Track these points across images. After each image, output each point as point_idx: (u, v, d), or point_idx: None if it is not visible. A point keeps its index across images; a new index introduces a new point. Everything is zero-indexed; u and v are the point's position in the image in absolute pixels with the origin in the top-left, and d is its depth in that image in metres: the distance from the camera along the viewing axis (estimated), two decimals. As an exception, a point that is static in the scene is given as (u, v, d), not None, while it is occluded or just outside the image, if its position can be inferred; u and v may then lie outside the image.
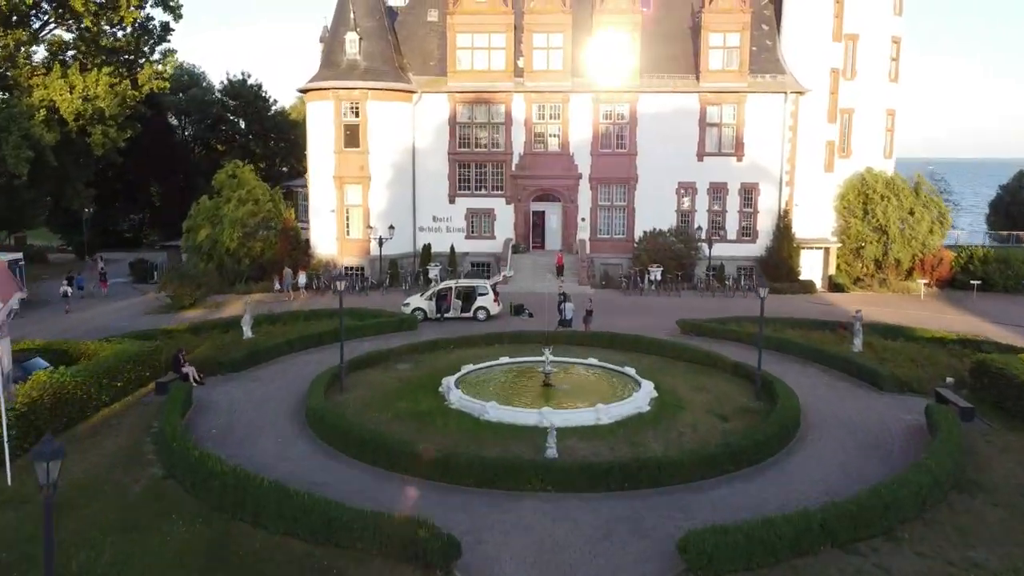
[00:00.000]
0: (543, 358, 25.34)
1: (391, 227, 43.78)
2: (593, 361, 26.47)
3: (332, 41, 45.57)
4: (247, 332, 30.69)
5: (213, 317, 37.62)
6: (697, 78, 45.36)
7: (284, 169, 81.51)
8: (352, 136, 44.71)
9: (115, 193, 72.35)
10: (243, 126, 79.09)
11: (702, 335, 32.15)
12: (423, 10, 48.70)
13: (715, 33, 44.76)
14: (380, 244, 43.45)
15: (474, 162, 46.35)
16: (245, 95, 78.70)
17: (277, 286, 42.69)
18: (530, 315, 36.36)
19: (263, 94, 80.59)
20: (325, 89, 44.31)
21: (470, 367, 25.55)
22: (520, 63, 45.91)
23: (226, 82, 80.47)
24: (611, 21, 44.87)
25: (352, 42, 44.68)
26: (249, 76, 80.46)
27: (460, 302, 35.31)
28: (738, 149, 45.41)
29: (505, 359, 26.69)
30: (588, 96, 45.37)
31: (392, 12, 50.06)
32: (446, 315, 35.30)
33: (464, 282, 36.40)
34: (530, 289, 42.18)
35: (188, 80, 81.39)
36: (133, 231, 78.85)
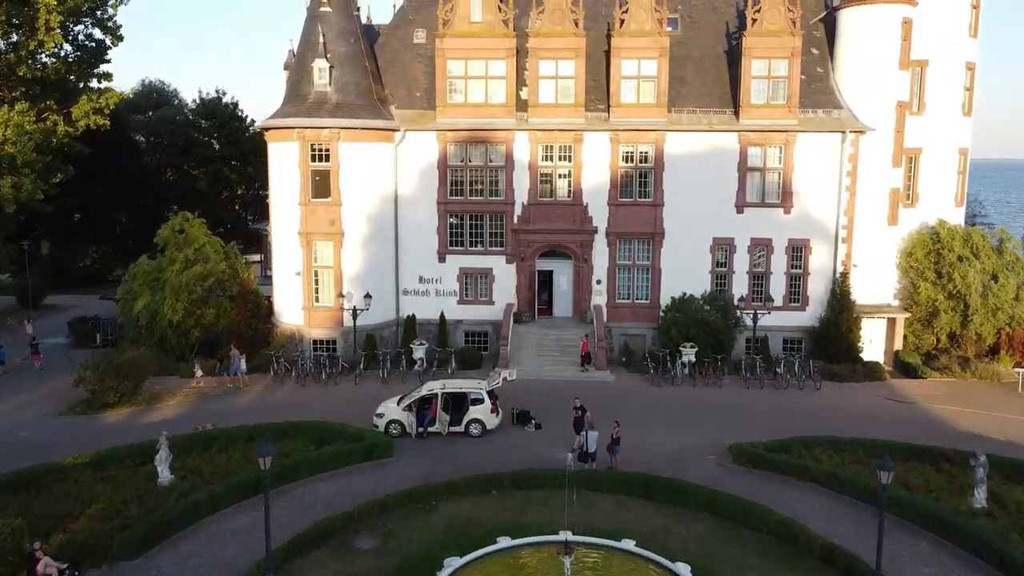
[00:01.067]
0: (558, 537, 18.11)
1: (367, 296, 36.22)
2: (629, 546, 18.85)
3: (298, 70, 38.00)
4: (163, 474, 23.15)
5: (143, 420, 30.28)
6: (736, 113, 37.79)
7: (263, 193, 74.00)
8: (321, 184, 37.17)
9: (70, 226, 64.81)
10: (218, 148, 71.48)
11: (762, 468, 24.65)
12: (408, 30, 41.13)
13: (758, 60, 37.17)
14: (354, 316, 35.94)
15: (468, 213, 38.79)
16: (219, 114, 71.25)
17: (223, 370, 35.13)
18: (538, 426, 28.82)
19: (239, 113, 73.12)
20: (288, 128, 36.75)
21: (455, 563, 17.96)
22: (523, 95, 38.39)
23: (198, 100, 73.09)
24: (632, 45, 37.28)
25: (321, 71, 37.11)
26: (224, 93, 73.06)
27: (448, 415, 27.72)
28: (785, 199, 37.82)
29: (505, 541, 19.10)
30: (605, 135, 37.79)
31: (372, 32, 42.50)
32: (430, 429, 27.77)
33: (453, 385, 28.77)
34: (537, 375, 34.66)
35: (157, 98, 73.93)
36: (95, 266, 71.22)
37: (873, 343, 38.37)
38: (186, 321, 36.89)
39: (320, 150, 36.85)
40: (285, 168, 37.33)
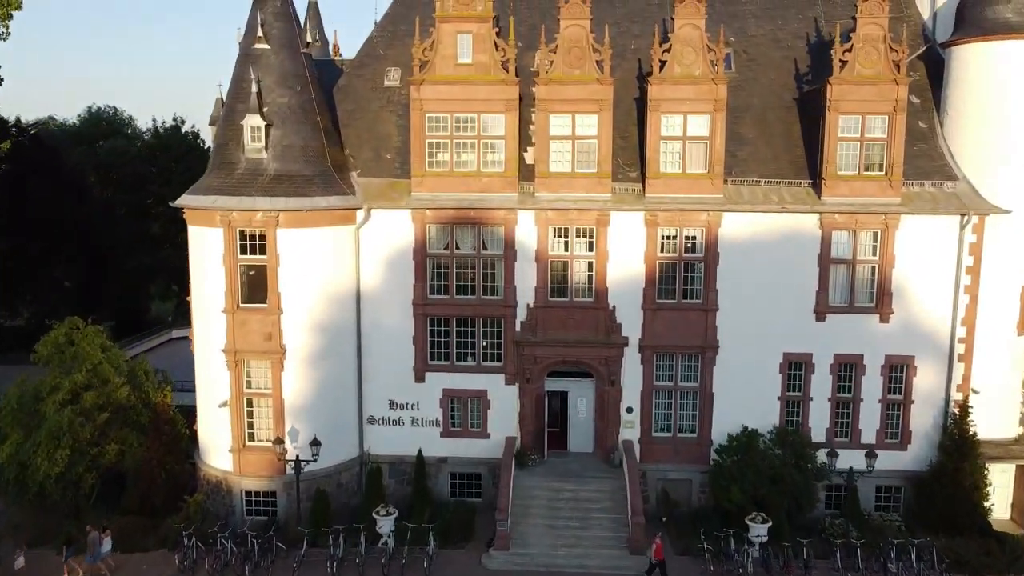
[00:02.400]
0: None
1: (315, 443, 26.51)
2: None
3: (224, 128, 28.24)
4: None
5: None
6: (815, 186, 28.01)
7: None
8: (255, 284, 27.48)
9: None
10: (174, 185, 61.65)
11: None
12: (378, 69, 31.37)
13: (848, 116, 27.35)
14: (297, 470, 26.30)
15: (455, 317, 29.05)
16: (176, 146, 61.66)
17: (69, 554, 25.15)
18: None
19: (200, 144, 63.53)
20: (210, 210, 27.06)
21: None
22: (528, 157, 28.72)
23: (152, 129, 63.55)
24: (676, 96, 27.46)
25: (255, 131, 27.36)
26: (183, 122, 63.44)
27: None
28: (882, 302, 28.00)
29: None
30: (638, 215, 28.02)
31: (332, 69, 32.81)
32: None
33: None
34: (548, 562, 25.01)
35: (107, 127, 64.27)
36: (30, 325, 61.43)
37: (998, 495, 28.58)
38: (73, 470, 27.26)
39: (253, 239, 27.16)
40: (207, 261, 27.63)
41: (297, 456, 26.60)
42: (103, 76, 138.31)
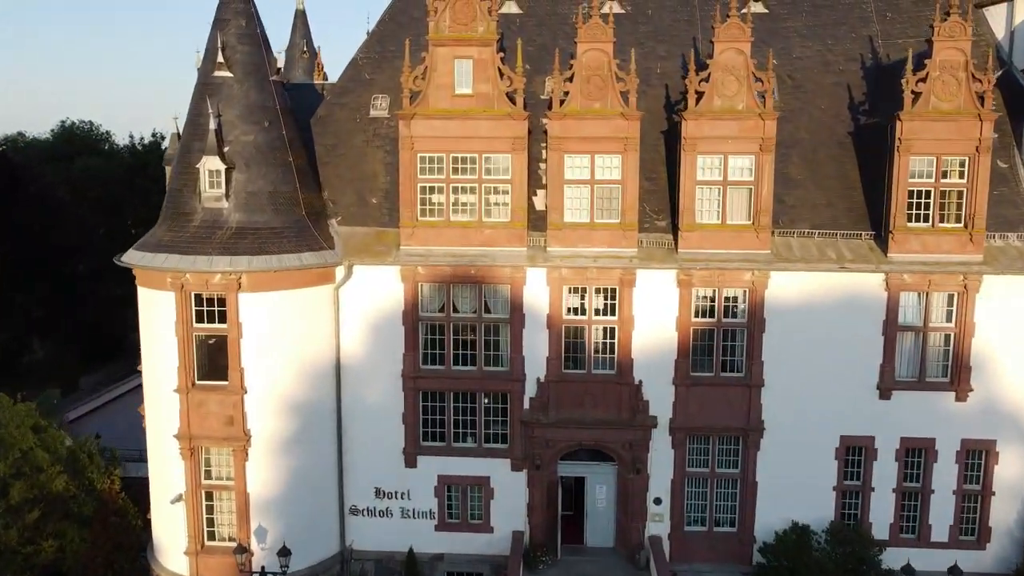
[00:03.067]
0: None
1: (284, 552, 22.12)
2: None
3: (179, 170, 23.87)
4: None
5: None
6: (879, 239, 23.63)
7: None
8: (215, 357, 23.17)
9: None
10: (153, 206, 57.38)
11: None
12: (363, 97, 26.98)
13: (921, 157, 22.96)
14: (263, 583, 21.99)
15: (453, 392, 24.66)
16: (155, 165, 57.23)
17: None
18: None
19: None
20: (160, 271, 22.68)
21: None
22: (539, 202, 24.40)
23: (130, 145, 59.24)
24: (716, 133, 23.07)
25: (214, 176, 22.98)
26: (162, 138, 59.14)
27: None
28: (959, 378, 23.59)
29: None
30: (669, 273, 23.62)
31: (312, 96, 28.50)
32: None
33: None
34: None
35: (81, 144, 59.89)
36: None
37: (1095, 602, 24.20)
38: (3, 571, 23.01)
39: (212, 303, 22.82)
40: (158, 329, 23.28)
41: (263, 567, 22.26)
42: (78, 88, 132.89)
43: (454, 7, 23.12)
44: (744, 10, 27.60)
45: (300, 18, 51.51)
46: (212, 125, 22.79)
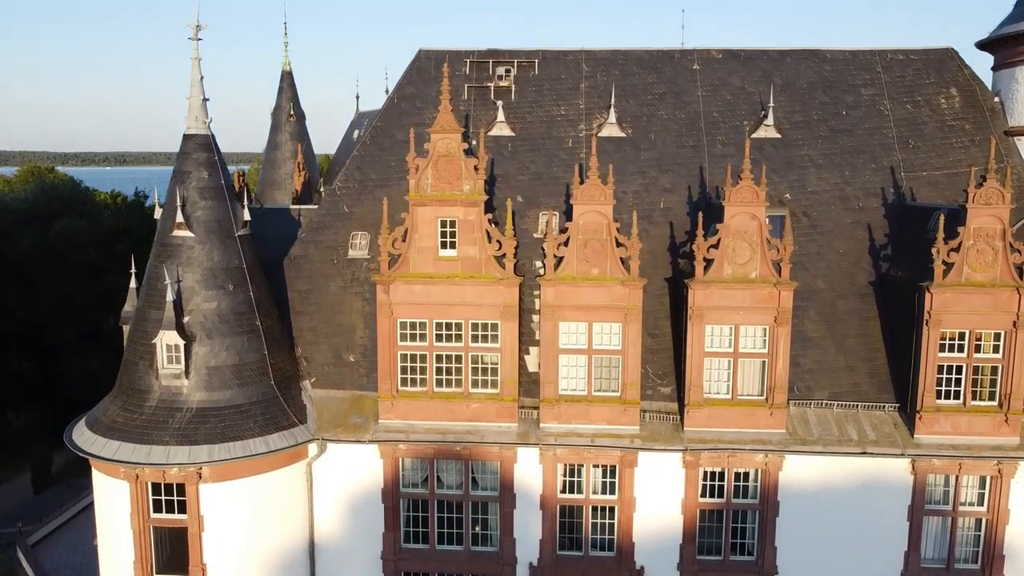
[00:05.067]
0: None
1: None
2: None
3: (135, 339, 21.67)
4: None
5: None
6: (904, 411, 21.50)
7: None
8: (176, 548, 21.03)
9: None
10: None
11: None
12: (341, 231, 24.77)
13: (952, 330, 20.79)
14: None
15: (438, 574, 22.52)
16: (136, 230, 55.12)
17: None
18: None
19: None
20: (112, 463, 20.53)
21: None
22: (531, 363, 22.26)
23: (112, 205, 57.02)
24: (725, 304, 20.93)
25: (172, 349, 20.83)
26: (145, 197, 56.97)
27: None
28: (992, 566, 21.49)
29: None
30: (675, 455, 21.47)
31: (285, 222, 26.38)
32: None
33: None
34: None
35: (61, 204, 57.43)
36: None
37: None
38: None
39: (171, 492, 20.69)
40: (112, 518, 21.15)
41: None
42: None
43: (437, 164, 20.97)
44: (756, 134, 25.77)
45: (287, 79, 49.51)
46: (170, 296, 20.62)
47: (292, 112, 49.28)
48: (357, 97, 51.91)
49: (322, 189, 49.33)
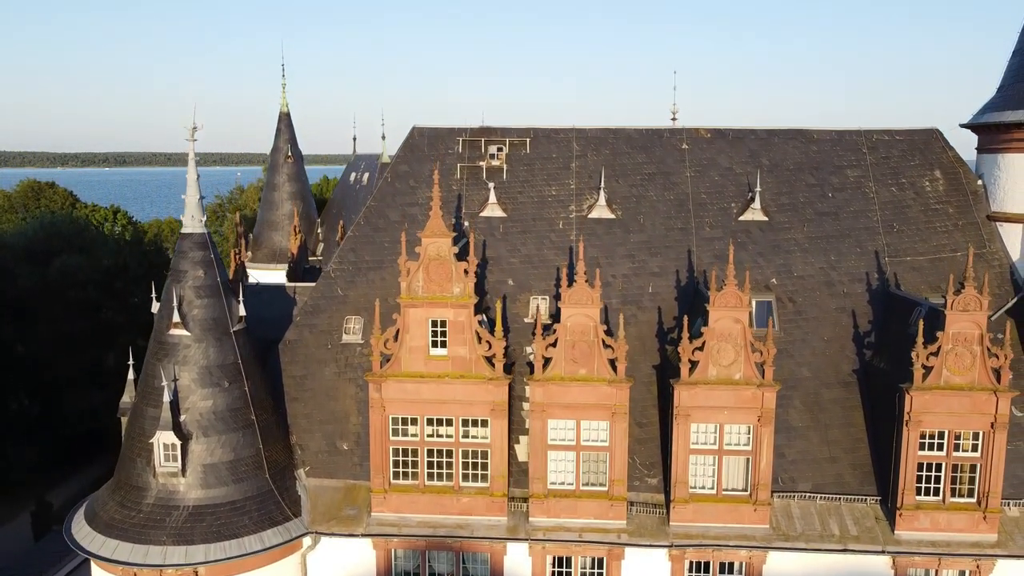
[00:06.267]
0: None
1: None
2: None
3: (132, 435, 22.13)
4: None
5: None
6: (885, 504, 21.98)
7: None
8: (171, 642, 21.49)
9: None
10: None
11: None
12: (335, 316, 25.23)
13: (932, 429, 21.26)
14: None
15: (429, 661, 23.07)
16: (135, 267, 55.52)
17: None
18: None
19: (167, 252, 57.55)
20: (110, 563, 21.01)
21: None
22: (521, 452, 22.75)
23: (113, 241, 57.44)
24: (710, 403, 21.41)
25: (169, 448, 21.30)
26: (144, 233, 57.37)
27: None
28: (971, 658, 22.00)
29: None
30: (658, 552, 21.95)
31: (281, 299, 26.86)
32: None
33: None
34: None
35: (61, 241, 57.69)
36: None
37: None
38: None
39: (167, 588, 21.16)
40: (110, 611, 21.66)
41: None
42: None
43: (428, 267, 21.43)
44: (743, 216, 26.22)
45: (284, 121, 50.00)
46: (167, 397, 21.09)
47: (290, 154, 49.77)
48: (354, 139, 52.31)
49: (319, 231, 49.86)
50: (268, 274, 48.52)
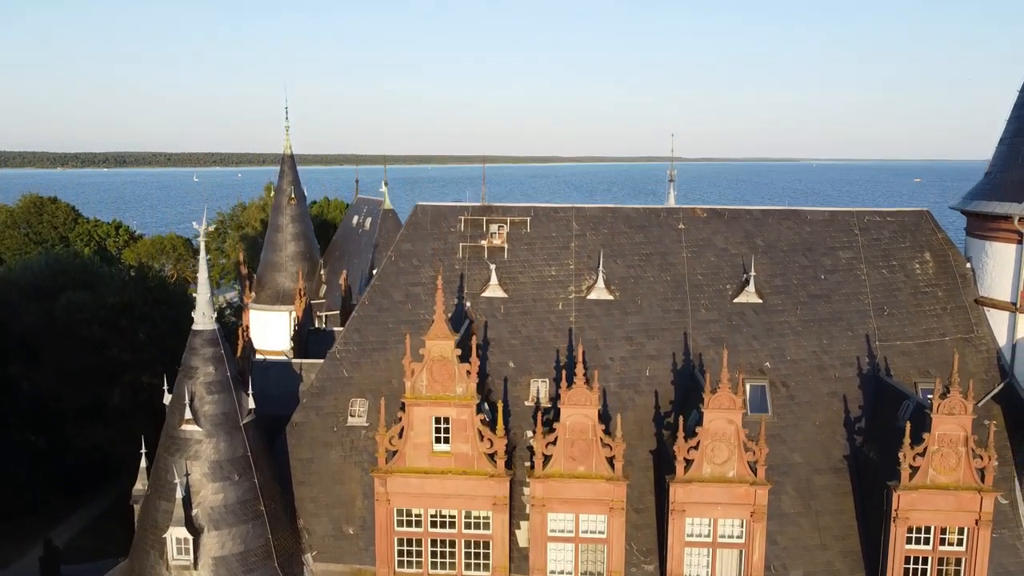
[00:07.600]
0: None
1: None
2: None
3: (145, 529, 22.83)
4: None
5: None
6: (875, 599, 22.74)
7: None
8: None
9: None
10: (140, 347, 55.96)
11: None
12: (341, 398, 25.88)
13: (917, 525, 22.01)
14: None
15: None
16: (140, 305, 56.12)
17: None
18: None
19: (170, 286, 58.23)
20: (122, 653, 21.81)
21: None
22: (522, 538, 23.49)
23: (119, 279, 58.10)
24: (704, 499, 22.15)
25: (181, 542, 22.01)
26: (149, 268, 57.98)
27: None
28: None
29: None
30: (657, 637, 22.75)
31: (286, 377, 27.60)
32: None
33: None
34: None
35: (66, 278, 58.36)
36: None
37: None
38: None
39: (180, 678, 21.93)
40: None
41: None
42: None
43: (432, 368, 22.15)
44: (738, 299, 26.92)
45: (287, 163, 50.66)
46: (179, 493, 21.82)
47: (293, 196, 50.43)
48: (356, 182, 52.93)
49: (322, 272, 50.58)
50: (272, 315, 49.40)
